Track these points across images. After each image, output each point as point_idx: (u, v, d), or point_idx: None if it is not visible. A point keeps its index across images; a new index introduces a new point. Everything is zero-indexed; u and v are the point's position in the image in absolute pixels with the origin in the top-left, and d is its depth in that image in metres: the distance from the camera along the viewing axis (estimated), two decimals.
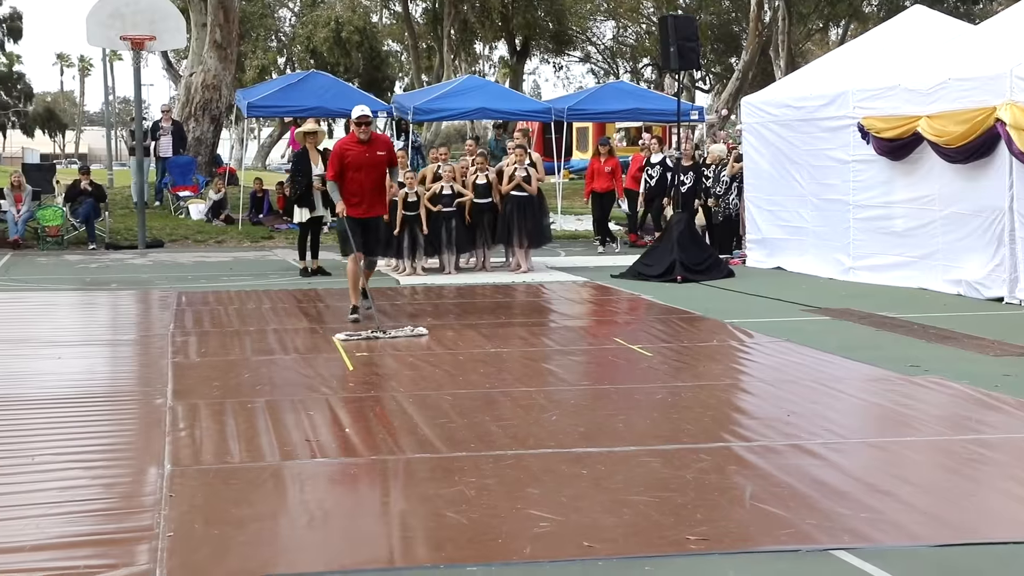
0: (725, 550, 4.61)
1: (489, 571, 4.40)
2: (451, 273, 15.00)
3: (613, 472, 5.72)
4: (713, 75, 52.41)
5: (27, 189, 19.81)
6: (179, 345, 9.55)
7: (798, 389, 7.81)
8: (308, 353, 9.26)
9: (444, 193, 14.90)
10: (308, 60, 47.28)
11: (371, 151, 10.83)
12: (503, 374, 8.39)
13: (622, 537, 4.76)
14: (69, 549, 4.62)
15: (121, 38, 19.44)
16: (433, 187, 15.01)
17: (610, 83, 30.34)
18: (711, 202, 17.17)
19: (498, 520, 4.96)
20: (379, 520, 5.09)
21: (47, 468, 5.80)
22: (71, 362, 8.89)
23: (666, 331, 10.39)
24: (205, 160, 25.61)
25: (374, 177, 10.90)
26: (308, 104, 21.42)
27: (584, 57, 55.52)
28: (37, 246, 19.23)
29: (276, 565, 4.48)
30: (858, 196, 14.25)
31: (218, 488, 5.46)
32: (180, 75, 34.38)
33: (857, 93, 14.17)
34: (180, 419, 6.86)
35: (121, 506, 5.19)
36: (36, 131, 75.48)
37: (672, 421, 6.87)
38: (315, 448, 6.21)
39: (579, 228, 22.22)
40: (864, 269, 14.12)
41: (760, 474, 5.70)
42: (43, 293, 13.39)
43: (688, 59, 15.46)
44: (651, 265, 14.72)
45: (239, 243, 20.20)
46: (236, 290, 13.49)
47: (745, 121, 16.77)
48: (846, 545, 4.66)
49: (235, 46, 26.93)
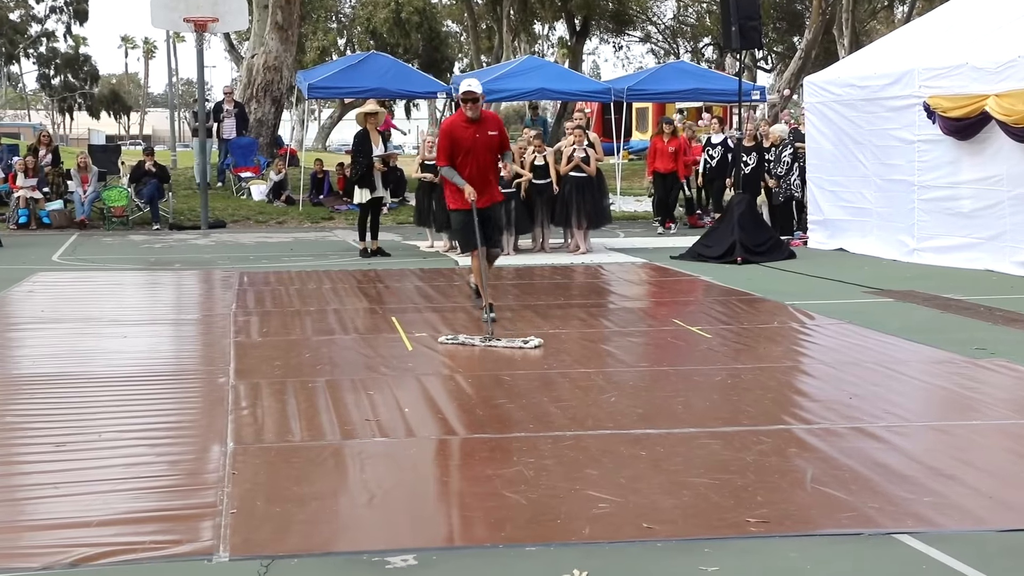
0: (785, 532, 4.58)
1: (548, 551, 4.41)
2: (509, 254, 15.01)
3: (672, 454, 5.70)
4: (775, 54, 51.83)
5: (93, 170, 20.14)
6: (241, 325, 9.66)
7: (860, 371, 7.72)
8: (368, 333, 9.32)
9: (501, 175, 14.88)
10: (368, 41, 47.53)
11: (482, 131, 9.67)
12: (561, 355, 8.38)
13: (681, 519, 4.75)
14: (135, 524, 4.69)
15: (184, 20, 19.65)
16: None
17: (670, 63, 30.10)
18: (772, 183, 17.00)
19: (557, 501, 4.97)
20: (439, 500, 5.12)
21: (113, 445, 5.90)
22: (136, 341, 9.03)
23: (726, 312, 10.32)
24: (266, 141, 25.82)
25: (487, 160, 9.77)
26: (368, 85, 21.51)
27: (644, 37, 55.18)
28: (103, 226, 19.53)
29: (337, 543, 4.52)
30: (923, 176, 14.03)
31: (279, 466, 5.51)
32: (242, 57, 34.68)
33: (923, 72, 13.94)
34: (242, 398, 6.94)
35: (185, 483, 5.27)
36: (102, 113, 76.53)
37: (732, 403, 6.83)
38: (375, 427, 6.25)
39: (638, 209, 22.12)
40: (929, 250, 13.92)
41: (821, 457, 5.65)
42: (109, 273, 13.60)
43: (750, 38, 15.28)
44: (711, 246, 14.62)
45: (300, 224, 20.37)
46: (297, 270, 13.61)
47: (807, 101, 16.56)
48: (909, 529, 4.61)
49: (296, 28, 27.09)
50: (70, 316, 10.22)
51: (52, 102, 74.10)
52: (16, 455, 5.84)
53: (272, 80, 25.75)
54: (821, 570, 4.22)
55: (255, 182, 23.00)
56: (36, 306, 10.86)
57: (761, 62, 51.72)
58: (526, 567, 4.26)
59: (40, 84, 72.43)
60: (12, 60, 66.65)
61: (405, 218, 19.77)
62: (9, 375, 7.90)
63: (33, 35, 65.52)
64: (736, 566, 4.26)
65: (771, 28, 46.78)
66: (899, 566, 4.26)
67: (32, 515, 4.85)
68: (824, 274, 12.92)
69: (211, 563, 4.29)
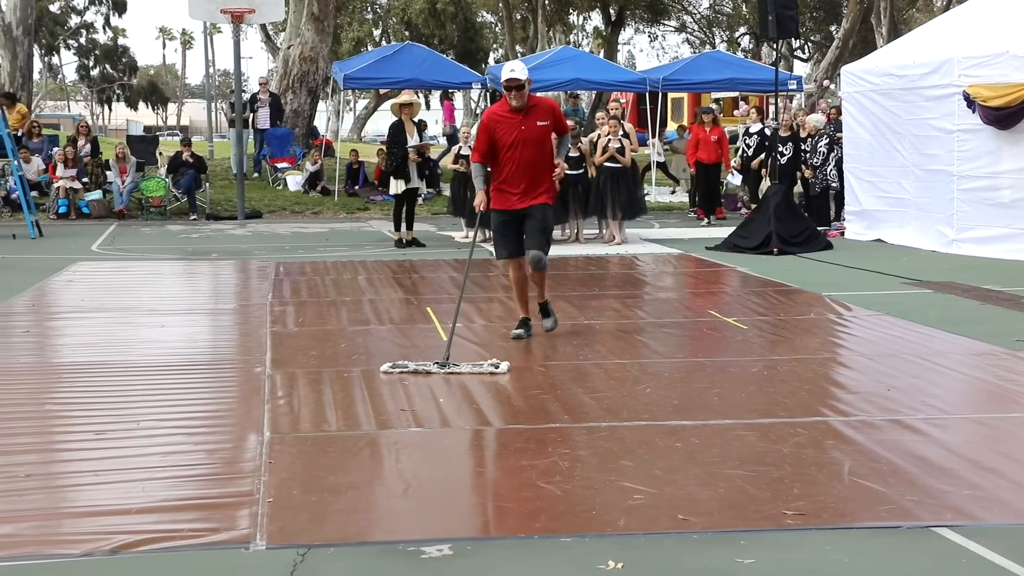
0: (822, 525, 4.55)
1: (583, 542, 4.40)
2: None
3: (708, 445, 5.68)
4: (812, 44, 51.44)
5: (131, 160, 20.31)
6: (277, 314, 9.71)
7: (898, 363, 7.66)
8: (403, 324, 9.35)
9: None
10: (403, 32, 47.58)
11: (529, 122, 8.37)
12: (596, 346, 8.36)
13: (717, 511, 4.73)
14: (173, 512, 4.73)
15: (222, 11, 19.76)
16: None
17: (706, 52, 29.99)
18: (808, 173, 16.88)
19: (592, 492, 4.96)
20: (474, 490, 5.13)
21: (152, 433, 5.95)
22: (174, 330, 9.09)
23: (762, 304, 10.26)
24: (302, 132, 25.93)
25: (535, 155, 8.39)
26: (403, 76, 21.57)
27: (680, 27, 54.90)
28: (141, 216, 19.69)
29: (373, 532, 4.54)
30: (963, 166, 13.89)
31: (316, 456, 5.54)
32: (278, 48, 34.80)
33: (963, 61, 13.79)
34: (279, 387, 6.97)
35: (222, 471, 5.31)
36: (140, 104, 77.13)
37: (768, 394, 6.79)
38: (410, 417, 6.27)
39: (673, 200, 22.04)
40: (968, 241, 13.78)
41: (859, 449, 5.61)
42: (147, 262, 13.71)
43: (787, 27, 15.18)
44: (747, 237, 14.54)
45: (335, 214, 20.44)
46: (332, 260, 13.66)
47: (845, 91, 16.43)
48: (948, 522, 4.57)
49: (332, 19, 27.17)
50: (109, 305, 10.31)
51: (91, 93, 74.73)
52: (57, 443, 5.92)
53: (308, 71, 25.85)
54: (858, 563, 4.19)
55: (291, 172, 23.12)
56: (76, 295, 10.96)
57: (798, 51, 51.35)
58: (561, 558, 4.26)
59: (79, 75, 73.07)
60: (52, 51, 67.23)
61: (439, 209, 19.79)
62: (49, 364, 7.99)
63: (73, 26, 66.06)
64: (772, 559, 4.24)
65: (808, 17, 46.41)
66: (938, 560, 4.23)
67: (73, 502, 4.90)
68: (861, 265, 12.82)
69: (248, 551, 4.32)
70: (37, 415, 6.42)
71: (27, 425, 6.16)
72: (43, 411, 6.53)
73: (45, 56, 66.00)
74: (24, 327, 9.31)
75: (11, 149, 17.13)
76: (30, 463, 5.43)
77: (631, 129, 15.97)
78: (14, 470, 5.29)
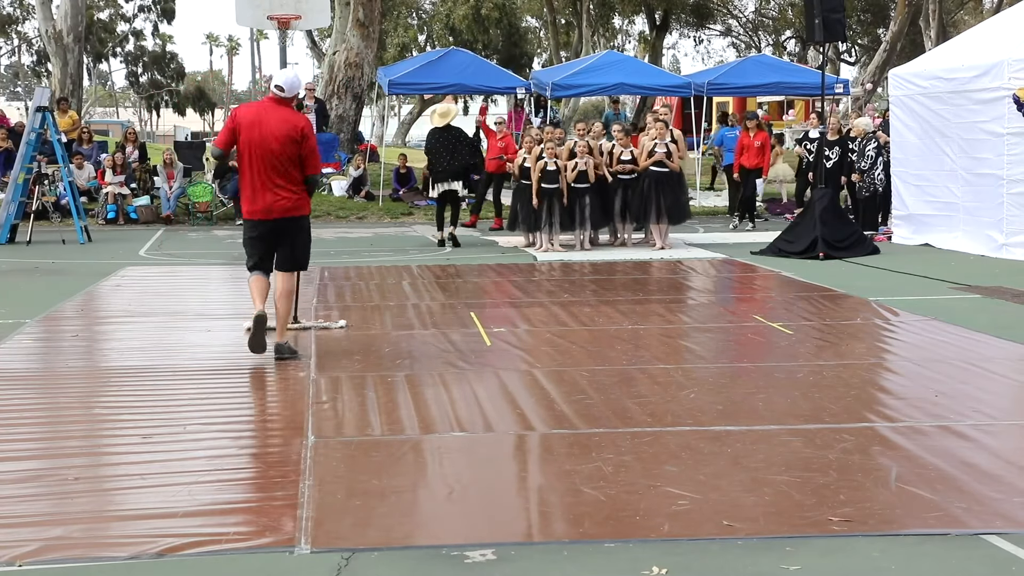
0: (869, 532, 4.51)
1: (627, 548, 4.39)
2: (587, 249, 14.97)
3: (753, 451, 5.64)
4: (859, 47, 51.01)
5: (178, 166, 20.51)
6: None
7: (946, 369, 7.57)
8: (447, 328, 9.36)
9: (581, 170, 14.84)
10: (447, 37, 47.74)
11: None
12: (640, 351, 8.34)
13: (762, 516, 4.69)
14: (219, 516, 4.76)
15: (268, 18, 19.97)
16: (569, 164, 14.95)
17: (752, 56, 29.80)
18: (855, 177, 16.73)
19: (636, 497, 4.94)
20: (517, 495, 5.12)
21: (197, 437, 6.00)
22: (220, 335, 9.16)
23: (807, 309, 10.18)
24: (347, 137, 26.06)
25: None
26: (448, 81, 21.59)
27: (725, 31, 54.66)
28: (188, 221, 19.87)
29: (417, 537, 4.55)
30: (1012, 170, 13.71)
31: (360, 460, 5.56)
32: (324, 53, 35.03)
33: (1013, 63, 13.62)
34: (323, 391, 7.01)
35: (267, 475, 5.34)
36: (187, 110, 77.89)
37: (813, 400, 6.73)
38: (454, 422, 6.28)
39: (718, 204, 21.92)
40: (1018, 246, 13.60)
41: (906, 455, 5.54)
42: (194, 267, 13.83)
43: (833, 31, 15.06)
44: (793, 242, 14.44)
45: (379, 219, 20.52)
46: (376, 265, 13.72)
47: (892, 94, 16.28)
48: (998, 530, 4.51)
49: (377, 24, 27.28)
50: (157, 310, 10.41)
51: (139, 99, 75.59)
52: (104, 446, 5.98)
53: (353, 76, 25.98)
54: (906, 571, 4.14)
55: (336, 178, 23.23)
56: (124, 300, 11.08)
57: (844, 55, 50.95)
58: (605, 563, 4.24)
59: (128, 82, 73.95)
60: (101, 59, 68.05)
61: (482, 214, 19.79)
62: (98, 367, 8.08)
63: (121, 34, 66.87)
64: (818, 565, 4.20)
65: (855, 20, 46.04)
66: (987, 568, 4.17)
67: (120, 505, 4.95)
68: (909, 270, 12.68)
69: (293, 555, 4.34)
70: (85, 419, 6.50)
71: (76, 428, 6.23)
72: (91, 415, 6.61)
73: (94, 63, 66.83)
74: (73, 331, 9.43)
75: (61, 155, 17.35)
76: (78, 466, 5.49)
77: (680, 136, 15.89)
78: (63, 473, 5.36)
